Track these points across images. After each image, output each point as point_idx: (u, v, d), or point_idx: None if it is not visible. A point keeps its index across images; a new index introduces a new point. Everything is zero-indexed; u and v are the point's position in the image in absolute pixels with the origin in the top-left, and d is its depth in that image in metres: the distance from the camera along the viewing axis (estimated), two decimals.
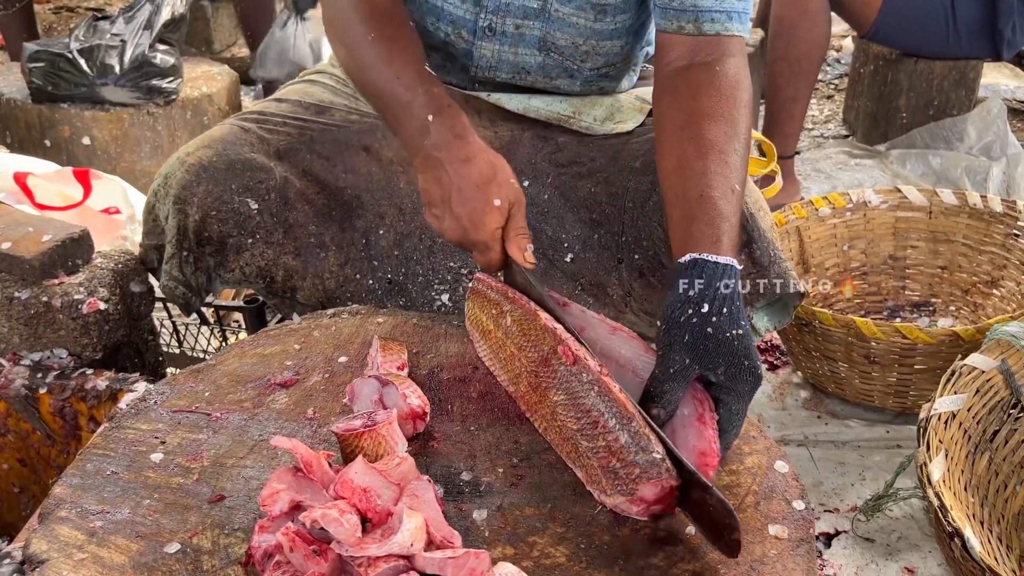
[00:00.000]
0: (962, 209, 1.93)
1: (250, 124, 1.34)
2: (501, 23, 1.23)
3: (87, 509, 0.91)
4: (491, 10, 1.22)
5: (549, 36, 1.24)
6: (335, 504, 0.76)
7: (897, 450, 1.66)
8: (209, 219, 1.28)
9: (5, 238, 1.32)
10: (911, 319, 1.99)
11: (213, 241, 1.30)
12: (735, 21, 1.13)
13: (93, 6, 4.49)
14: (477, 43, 1.25)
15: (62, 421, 1.28)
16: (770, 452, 0.96)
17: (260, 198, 1.29)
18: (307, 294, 1.31)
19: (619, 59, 1.30)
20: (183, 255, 1.30)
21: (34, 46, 2.49)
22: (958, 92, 2.77)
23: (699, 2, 1.13)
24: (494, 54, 1.27)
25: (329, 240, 1.30)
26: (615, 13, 1.22)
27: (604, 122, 1.32)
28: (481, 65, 1.28)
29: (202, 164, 1.28)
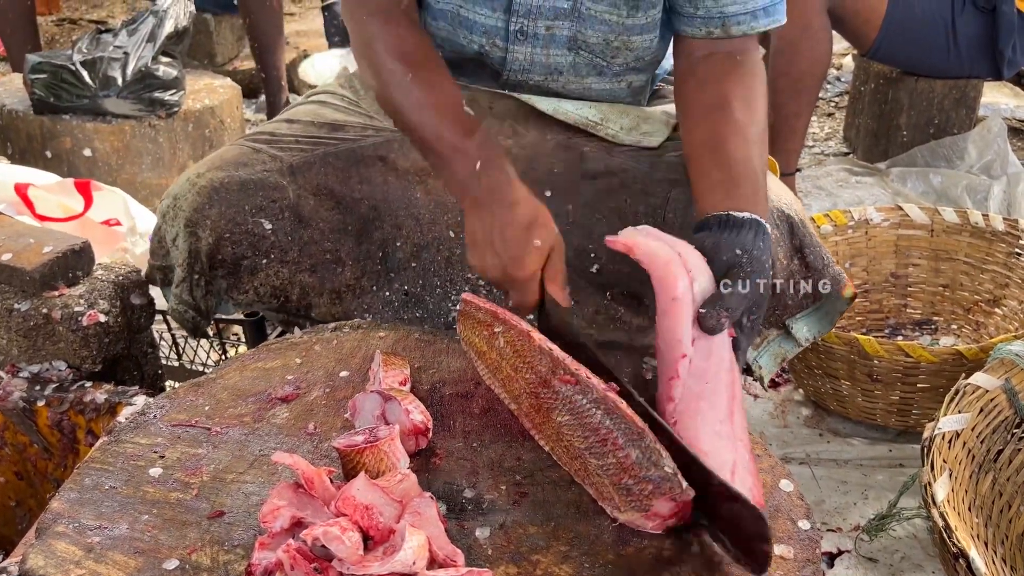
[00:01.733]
0: (964, 227, 1.93)
1: (261, 144, 1.33)
2: (533, 26, 1.25)
3: (85, 524, 0.90)
4: (522, 14, 1.24)
5: (580, 35, 1.25)
6: (336, 521, 0.76)
7: (900, 469, 1.66)
8: (223, 242, 1.26)
9: (5, 249, 1.32)
10: (913, 337, 1.99)
11: (227, 264, 1.28)
12: (760, 19, 1.20)
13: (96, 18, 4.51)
14: (511, 48, 1.27)
15: (60, 434, 1.27)
16: (775, 471, 0.95)
17: (274, 218, 1.28)
18: (323, 311, 1.30)
19: (648, 53, 1.30)
20: (194, 278, 1.28)
21: (36, 57, 2.49)
22: (959, 111, 2.78)
23: (725, 9, 1.19)
24: (527, 57, 1.28)
25: (345, 255, 1.30)
26: (647, 8, 1.23)
27: (630, 131, 1.32)
28: (514, 69, 1.30)
29: (214, 186, 1.26)
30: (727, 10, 1.19)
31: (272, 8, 3.00)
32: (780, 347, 1.23)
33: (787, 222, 1.20)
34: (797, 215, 1.21)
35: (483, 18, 1.25)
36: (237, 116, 2.81)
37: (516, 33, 1.25)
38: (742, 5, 1.18)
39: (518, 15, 1.24)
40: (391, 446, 0.89)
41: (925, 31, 2.50)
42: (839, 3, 2.42)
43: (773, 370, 1.23)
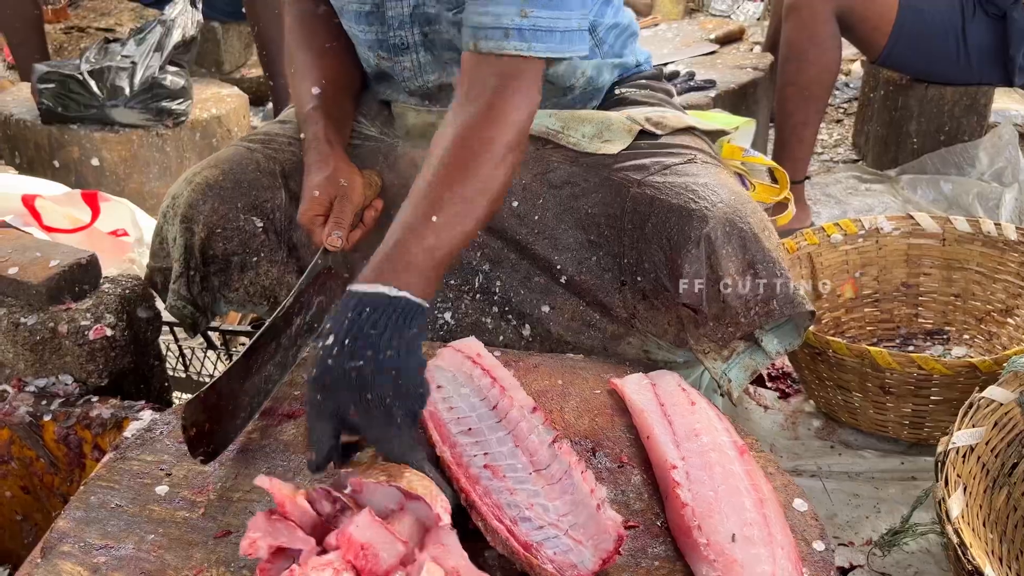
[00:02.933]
0: (976, 237, 1.91)
1: (256, 145, 1.37)
2: (409, 35, 1.26)
3: (90, 543, 0.89)
4: (396, 26, 1.26)
5: (454, 38, 1.25)
6: (328, 562, 0.74)
7: (912, 482, 1.64)
8: (214, 236, 1.30)
9: (12, 263, 1.31)
10: (924, 347, 1.97)
11: (218, 259, 1.32)
12: (511, 39, 1.06)
13: (104, 27, 4.52)
14: (396, 59, 1.29)
15: (66, 449, 1.27)
16: (788, 490, 0.94)
17: (265, 216, 1.32)
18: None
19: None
20: (190, 274, 1.32)
21: (44, 67, 2.49)
22: (969, 118, 2.76)
23: (479, 18, 1.08)
24: (414, 63, 1.30)
25: (332, 261, 1.30)
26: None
27: (592, 139, 1.31)
28: (407, 76, 1.31)
29: (208, 183, 1.31)
30: (480, 20, 1.08)
31: (280, 16, 2.99)
32: (751, 359, 1.19)
33: (739, 236, 1.14)
34: (752, 229, 1.16)
35: (363, 34, 1.29)
36: (244, 124, 2.81)
37: (396, 45, 1.28)
38: (493, 17, 1.07)
39: (393, 28, 1.26)
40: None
41: (935, 38, 2.48)
42: (848, 11, 2.41)
43: (743, 383, 1.20)
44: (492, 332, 1.27)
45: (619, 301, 1.23)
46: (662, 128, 1.32)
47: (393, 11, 1.25)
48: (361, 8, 1.26)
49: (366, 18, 1.26)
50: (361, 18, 1.27)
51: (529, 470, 0.92)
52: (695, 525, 0.84)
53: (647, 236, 1.20)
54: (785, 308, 1.15)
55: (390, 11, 1.25)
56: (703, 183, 1.19)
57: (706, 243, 1.14)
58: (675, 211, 1.17)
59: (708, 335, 1.17)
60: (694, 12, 4.81)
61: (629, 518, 0.90)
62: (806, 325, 1.21)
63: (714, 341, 1.17)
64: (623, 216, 1.22)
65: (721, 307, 1.15)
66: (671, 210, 1.17)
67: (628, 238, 1.22)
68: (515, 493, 0.89)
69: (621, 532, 0.83)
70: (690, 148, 1.29)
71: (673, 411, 1.03)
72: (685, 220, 1.15)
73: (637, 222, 1.21)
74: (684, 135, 1.34)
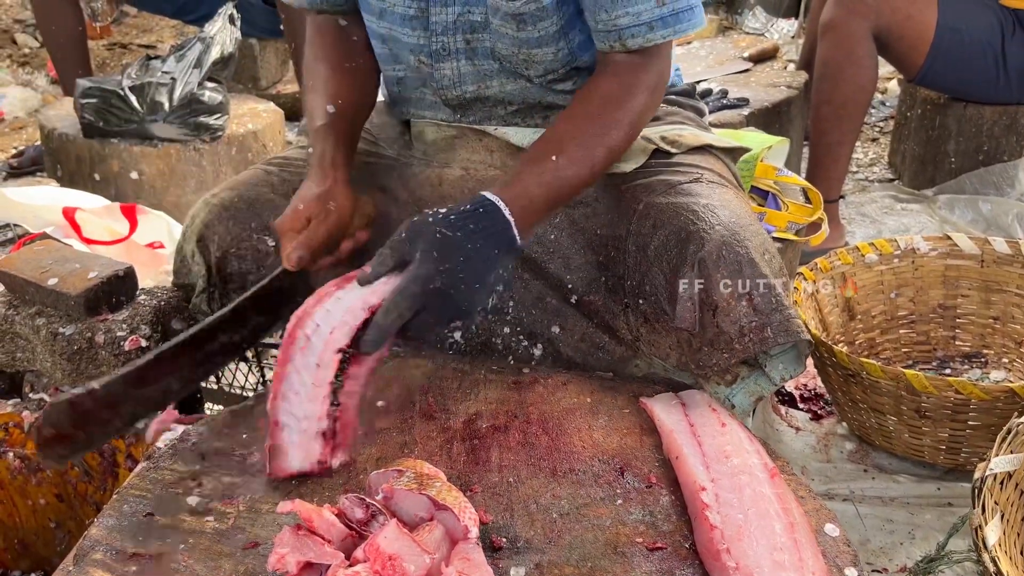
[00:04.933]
0: (1015, 258, 1.88)
1: (273, 168, 1.40)
2: (452, 41, 1.27)
3: (122, 552, 0.90)
4: (440, 31, 1.26)
5: (496, 46, 1.26)
6: (355, 572, 0.75)
7: (948, 508, 1.60)
8: (229, 256, 1.34)
9: (52, 274, 1.34)
10: (961, 370, 1.93)
11: (234, 278, 1.35)
12: (657, 30, 1.16)
13: (146, 43, 4.62)
14: (436, 65, 1.29)
15: (100, 458, 1.29)
16: (820, 514, 0.93)
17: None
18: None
19: (558, 65, 1.28)
20: (210, 291, 1.36)
21: (87, 82, 2.55)
22: (1008, 138, 2.72)
23: (618, 21, 1.16)
24: (454, 71, 1.30)
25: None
26: (534, 22, 1.22)
27: None
28: (445, 84, 1.31)
29: (223, 204, 1.34)
30: (620, 22, 1.16)
31: None
32: (756, 385, 1.17)
33: (735, 261, 1.13)
34: (749, 253, 1.14)
35: (405, 37, 1.29)
36: (279, 140, 2.85)
37: (438, 51, 1.28)
38: (635, 16, 1.15)
39: (436, 33, 1.27)
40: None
41: (973, 57, 2.45)
42: (885, 29, 2.39)
43: (747, 409, 1.18)
44: (502, 352, 1.27)
45: (624, 324, 1.23)
46: (677, 146, 1.32)
47: (437, 16, 1.26)
48: (406, 12, 1.26)
49: (410, 22, 1.27)
50: (406, 21, 1.27)
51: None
52: (724, 548, 0.83)
53: (649, 258, 1.19)
54: (779, 336, 1.12)
55: (434, 16, 1.26)
56: (704, 204, 1.18)
57: (700, 266, 1.13)
58: (675, 233, 1.16)
59: (704, 360, 1.15)
60: (727, 30, 4.80)
61: (657, 540, 0.89)
62: (806, 353, 1.19)
63: (711, 367, 1.15)
64: (627, 237, 1.22)
65: (716, 332, 1.13)
66: (671, 231, 1.17)
67: (632, 260, 1.21)
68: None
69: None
70: (699, 167, 1.29)
71: (703, 432, 1.02)
72: (683, 242, 1.15)
73: (640, 243, 1.20)
74: (698, 154, 1.33)
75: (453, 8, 1.24)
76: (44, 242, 1.49)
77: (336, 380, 0.99)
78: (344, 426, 1.01)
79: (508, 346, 1.26)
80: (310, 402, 0.99)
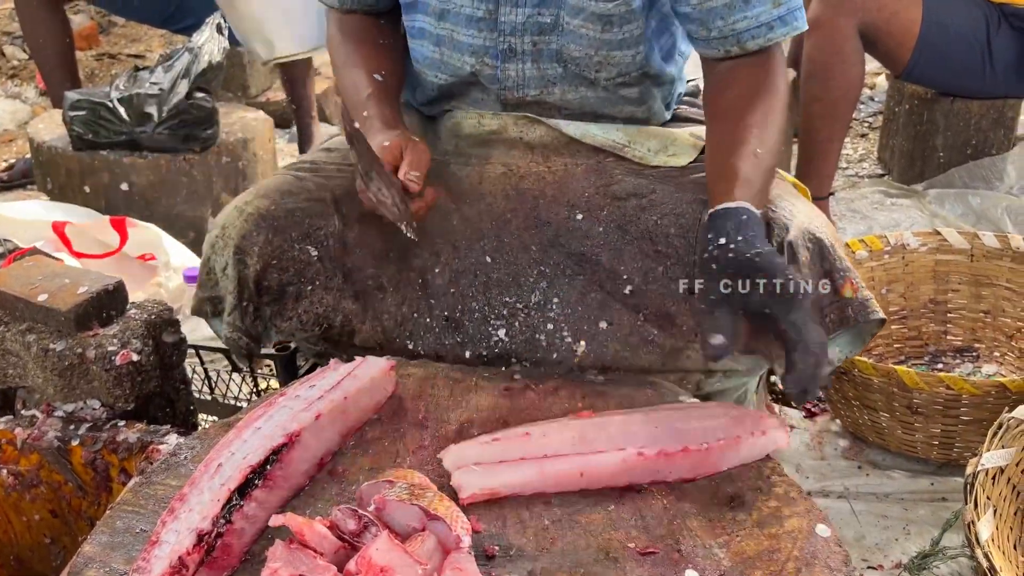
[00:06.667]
0: (1005, 252, 1.89)
1: (304, 173, 1.37)
2: (520, 42, 1.27)
3: (115, 569, 0.90)
4: (508, 32, 1.26)
5: (565, 49, 1.27)
6: None
7: (943, 503, 1.61)
8: (270, 268, 1.30)
9: (42, 290, 1.34)
10: (953, 365, 1.94)
11: (272, 290, 1.31)
12: (777, 29, 1.20)
13: (134, 52, 4.61)
14: (502, 66, 1.29)
15: (94, 473, 1.28)
16: (811, 515, 0.93)
17: (319, 244, 1.31)
18: (365, 336, 1.31)
19: (634, 68, 1.30)
20: (243, 305, 1.31)
21: (75, 95, 2.55)
22: (996, 131, 2.73)
23: (736, 26, 1.20)
24: (518, 73, 1.30)
25: (387, 281, 1.31)
26: (621, 23, 1.24)
27: (658, 153, 1.33)
28: (508, 86, 1.31)
29: (260, 214, 1.30)
30: (738, 27, 1.20)
31: None
32: None
33: (817, 245, 1.19)
34: (828, 238, 1.20)
35: (470, 39, 1.28)
36: (270, 148, 2.85)
37: (505, 51, 1.28)
38: (753, 19, 1.19)
39: (504, 33, 1.27)
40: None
41: (960, 52, 2.46)
42: (871, 26, 2.39)
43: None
44: (546, 349, 1.26)
45: (686, 310, 1.23)
46: None
47: (507, 17, 1.26)
48: (474, 12, 1.26)
49: (476, 23, 1.27)
50: (472, 22, 1.27)
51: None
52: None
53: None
54: (860, 315, 1.18)
55: (503, 16, 1.26)
56: (776, 195, 1.23)
57: (789, 249, 1.16)
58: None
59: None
60: None
61: (649, 544, 0.89)
62: (873, 332, 1.26)
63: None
64: (696, 226, 1.23)
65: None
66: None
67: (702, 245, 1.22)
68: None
69: None
70: None
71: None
72: (767, 229, 1.17)
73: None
74: None
75: (524, 9, 1.25)
76: (34, 257, 1.48)
77: (238, 499, 0.90)
78: (225, 548, 0.87)
79: (552, 343, 1.26)
80: (200, 512, 0.88)
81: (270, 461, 0.94)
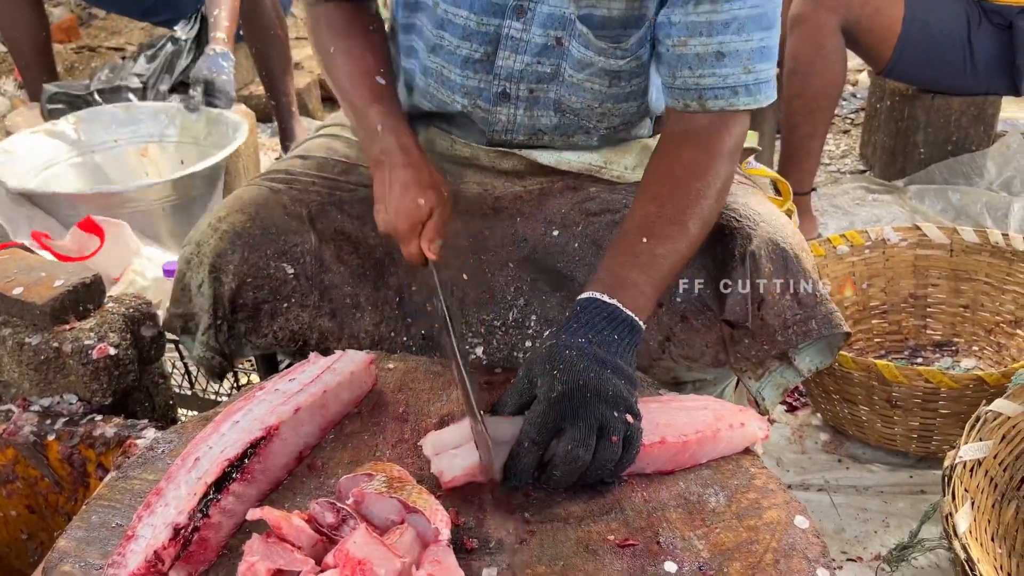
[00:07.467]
0: (984, 247, 1.90)
1: (279, 185, 1.32)
2: (515, 88, 1.23)
3: (91, 563, 0.89)
4: (504, 77, 1.22)
5: (564, 99, 1.23)
6: None
7: (921, 496, 1.62)
8: (245, 287, 1.26)
9: (17, 283, 1.32)
10: (933, 359, 1.95)
11: (247, 308, 1.28)
12: (740, 96, 1.13)
13: (115, 46, 4.57)
14: (493, 109, 1.25)
15: (70, 468, 1.27)
16: (790, 506, 0.93)
17: (296, 262, 1.28)
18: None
19: (636, 117, 1.30)
20: (218, 324, 1.28)
21: (53, 87, 2.53)
22: (976, 127, 2.75)
23: (701, 80, 1.13)
24: (510, 118, 1.26)
25: (364, 300, 1.29)
26: (629, 78, 1.21)
27: (635, 169, 1.31)
28: (497, 130, 1.28)
29: (236, 230, 1.26)
30: (703, 82, 1.13)
31: (278, 37, 3.02)
32: (782, 377, 1.20)
33: (781, 256, 1.17)
34: (793, 249, 1.19)
35: (464, 79, 1.24)
36: (251, 142, 2.83)
37: (499, 95, 1.24)
38: (720, 79, 1.12)
39: (500, 78, 1.23)
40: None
41: (941, 49, 2.47)
42: (853, 23, 2.40)
43: (776, 401, 1.21)
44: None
45: (654, 325, 1.23)
46: None
47: (504, 61, 1.21)
48: (471, 54, 1.21)
49: (472, 65, 1.22)
50: (468, 64, 1.22)
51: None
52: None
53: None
54: (823, 328, 1.17)
55: (500, 60, 1.21)
56: (742, 203, 1.21)
57: (751, 260, 1.16)
58: (718, 230, 1.18)
59: (743, 353, 1.18)
60: None
61: (628, 537, 0.89)
62: (840, 345, 1.23)
63: (748, 359, 1.18)
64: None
65: (759, 325, 1.16)
66: (714, 229, 1.17)
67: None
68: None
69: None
70: None
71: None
72: (729, 238, 1.17)
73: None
74: None
75: (523, 56, 1.20)
76: (10, 251, 1.47)
77: (215, 493, 0.89)
78: (202, 542, 0.86)
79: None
80: (177, 507, 0.87)
81: (248, 455, 0.93)
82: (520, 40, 1.19)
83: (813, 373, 1.24)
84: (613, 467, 0.92)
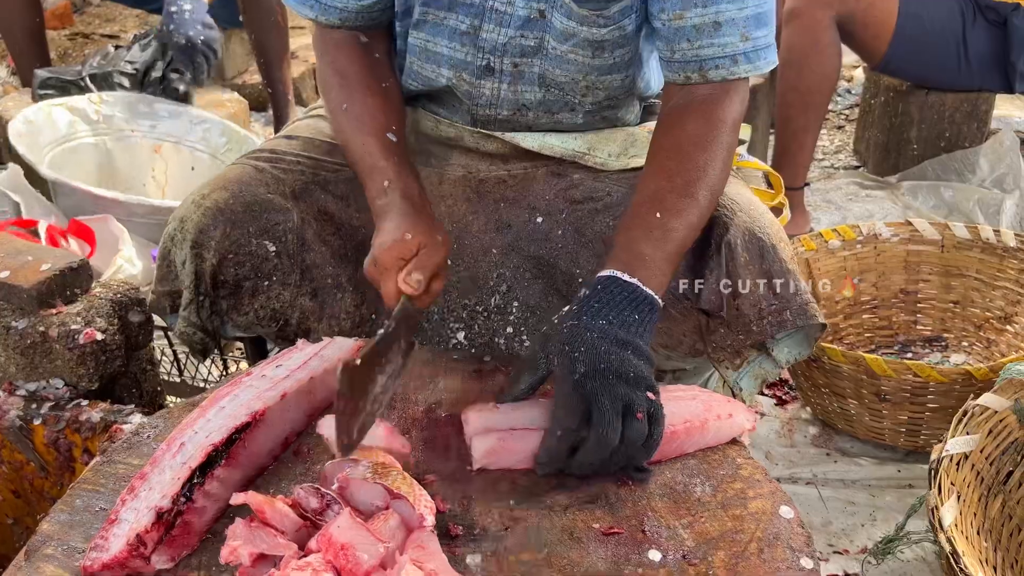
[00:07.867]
0: (975, 243, 1.91)
1: (264, 164, 1.32)
2: (499, 62, 1.23)
3: (74, 547, 0.89)
4: (488, 50, 1.22)
5: (548, 73, 1.23)
6: (308, 563, 0.74)
7: (909, 490, 1.63)
8: (226, 262, 1.26)
9: (4, 267, 1.31)
10: (923, 354, 1.96)
11: (228, 284, 1.28)
12: (740, 64, 1.15)
13: (109, 33, 4.54)
14: (477, 83, 1.25)
15: (56, 453, 1.27)
16: (775, 497, 0.93)
17: (278, 240, 1.27)
18: (322, 335, 1.29)
19: (622, 91, 1.29)
20: (200, 300, 1.28)
21: (45, 73, 2.51)
22: (970, 124, 2.75)
23: (701, 52, 1.14)
24: (493, 92, 1.26)
25: (346, 281, 1.29)
26: (612, 48, 1.21)
27: (619, 157, 1.31)
28: (481, 104, 1.28)
29: (219, 207, 1.25)
30: (702, 53, 1.14)
31: (277, 24, 3.01)
32: (760, 368, 1.21)
33: (757, 246, 1.17)
34: (770, 239, 1.19)
35: (451, 51, 1.24)
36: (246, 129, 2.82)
37: (483, 68, 1.24)
38: (719, 48, 1.14)
39: (484, 51, 1.23)
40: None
41: (935, 45, 2.47)
42: (848, 17, 2.40)
43: (753, 392, 1.21)
44: (504, 351, 1.26)
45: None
46: None
47: (488, 34, 1.21)
48: (458, 25, 1.22)
49: (460, 37, 1.22)
50: (455, 36, 1.22)
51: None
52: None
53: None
54: (798, 319, 1.17)
55: (485, 33, 1.21)
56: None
57: (727, 249, 1.15)
58: None
59: (719, 342, 1.18)
60: None
61: (613, 525, 0.89)
62: (816, 336, 1.23)
63: (725, 349, 1.18)
64: None
65: (735, 315, 1.16)
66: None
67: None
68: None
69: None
70: None
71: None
72: (707, 227, 1.16)
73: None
74: None
75: (507, 29, 1.20)
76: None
77: (199, 477, 0.89)
78: (185, 526, 0.86)
79: (511, 346, 1.26)
80: (160, 491, 0.87)
81: (233, 440, 0.93)
82: (504, 13, 1.19)
83: (791, 364, 1.24)
84: (643, 445, 0.92)
